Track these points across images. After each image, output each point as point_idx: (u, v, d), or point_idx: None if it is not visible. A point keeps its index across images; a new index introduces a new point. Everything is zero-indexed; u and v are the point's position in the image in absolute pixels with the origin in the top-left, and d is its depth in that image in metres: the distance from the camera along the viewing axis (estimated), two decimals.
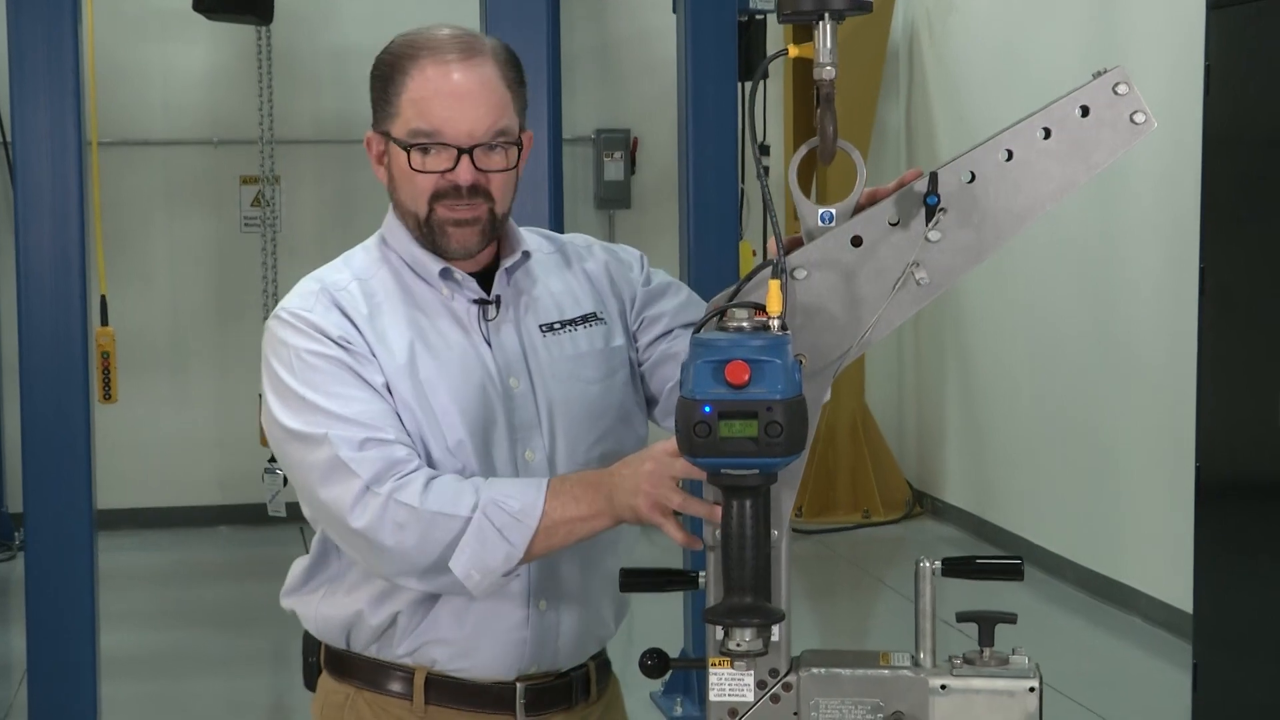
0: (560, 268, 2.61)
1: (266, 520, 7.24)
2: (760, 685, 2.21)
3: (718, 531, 2.17)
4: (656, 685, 6.29)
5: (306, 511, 2.51)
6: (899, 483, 10.42)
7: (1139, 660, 7.39)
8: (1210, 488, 5.92)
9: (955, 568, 2.29)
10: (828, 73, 2.20)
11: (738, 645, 2.13)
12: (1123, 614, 7.93)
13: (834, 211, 2.26)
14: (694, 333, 2.10)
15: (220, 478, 10.12)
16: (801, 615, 8.90)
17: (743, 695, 2.22)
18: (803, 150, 2.30)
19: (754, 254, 8.40)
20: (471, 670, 2.50)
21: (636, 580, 2.34)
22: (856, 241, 2.23)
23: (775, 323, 2.09)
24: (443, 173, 2.43)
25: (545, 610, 2.50)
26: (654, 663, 2.30)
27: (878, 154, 10.50)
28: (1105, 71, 2.21)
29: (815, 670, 2.22)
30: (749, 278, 2.21)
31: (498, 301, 2.52)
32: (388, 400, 2.42)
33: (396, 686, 2.50)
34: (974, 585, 2.31)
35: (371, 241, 2.58)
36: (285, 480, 2.16)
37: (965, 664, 2.23)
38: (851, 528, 9.95)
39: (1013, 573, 2.31)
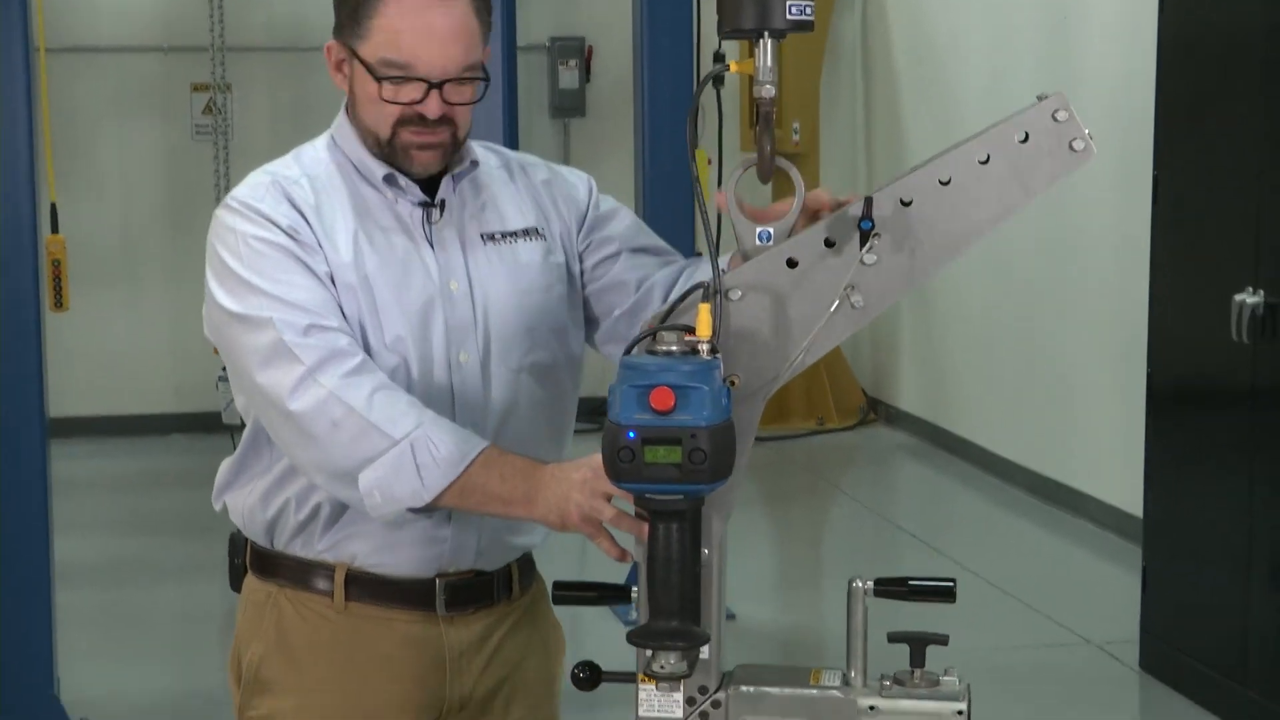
0: (506, 181, 2.63)
1: (221, 428, 7.24)
2: (690, 702, 2.22)
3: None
4: None
5: (239, 400, 2.53)
6: (853, 390, 10.47)
7: (1089, 563, 7.47)
8: (1161, 393, 5.97)
9: (887, 589, 2.29)
10: (767, 91, 2.20)
11: (661, 668, 2.14)
12: (1073, 518, 8.01)
13: (771, 231, 2.25)
14: (624, 354, 2.11)
15: (175, 385, 10.10)
16: (757, 520, 9.00)
17: (672, 712, 2.23)
18: (739, 171, 2.28)
19: (709, 162, 8.38)
20: (391, 567, 2.52)
21: (569, 593, 2.34)
22: (792, 263, 2.21)
23: (705, 346, 2.08)
24: (411, 103, 2.44)
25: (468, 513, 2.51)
26: (586, 675, 2.29)
27: (832, 71, 10.47)
28: (1046, 97, 2.20)
29: (744, 689, 2.22)
30: (682, 298, 2.21)
31: (442, 206, 2.54)
32: (331, 291, 2.44)
33: (318, 584, 2.52)
34: (931, 525, 2.32)
35: (321, 140, 2.60)
36: (231, 364, 2.16)
37: (895, 684, 2.24)
38: (806, 435, 10.00)
39: (945, 594, 2.31)
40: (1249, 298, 5.27)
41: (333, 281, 2.44)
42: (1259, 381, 5.34)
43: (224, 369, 7.53)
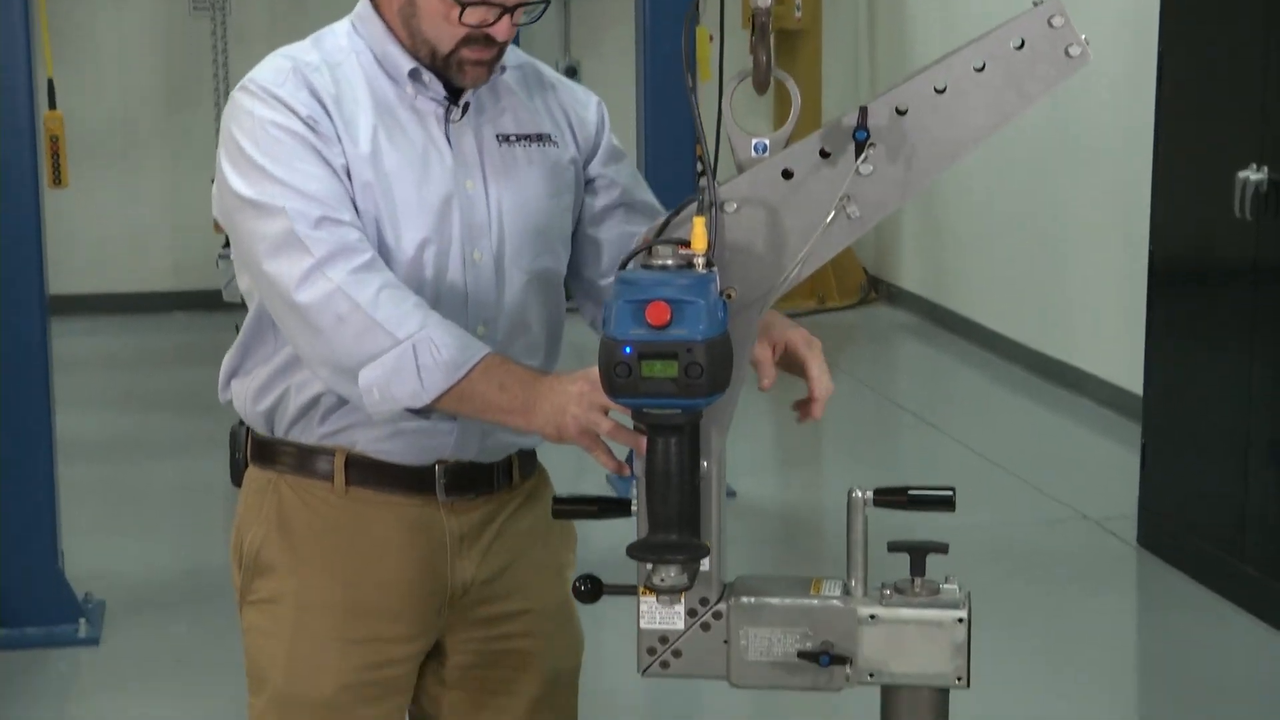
0: (523, 86, 2.61)
1: (221, 306, 7.23)
2: (690, 613, 2.22)
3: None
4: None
5: (243, 284, 2.51)
6: (855, 269, 10.45)
7: (1088, 441, 7.49)
8: (1163, 271, 5.96)
9: (887, 499, 2.28)
10: (764, 0, 2.16)
11: (662, 581, 2.13)
12: (1073, 396, 8.02)
13: (768, 142, 2.22)
14: (619, 268, 2.10)
15: (174, 263, 10.08)
16: (757, 398, 8.95)
17: (673, 624, 2.23)
18: (735, 81, 2.25)
19: (710, 39, 8.30)
20: (390, 455, 2.52)
21: (569, 508, 2.33)
22: (787, 174, 2.19)
23: (700, 260, 2.07)
24: (482, 24, 2.43)
25: None
26: (587, 588, 2.29)
27: None
28: (1042, 2, 2.17)
29: (745, 600, 2.22)
30: (677, 211, 2.19)
31: (465, 107, 2.51)
32: (345, 184, 2.42)
33: (318, 468, 2.52)
34: (930, 403, 2.32)
35: (341, 28, 2.56)
36: (240, 250, 2.16)
37: (896, 593, 2.23)
38: (807, 313, 10.00)
39: (945, 504, 2.30)
40: (1253, 174, 5.25)
41: (348, 175, 2.42)
42: (1261, 258, 5.33)
43: (224, 247, 7.55)
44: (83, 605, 5.26)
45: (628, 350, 2.01)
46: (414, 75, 2.49)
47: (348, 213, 2.40)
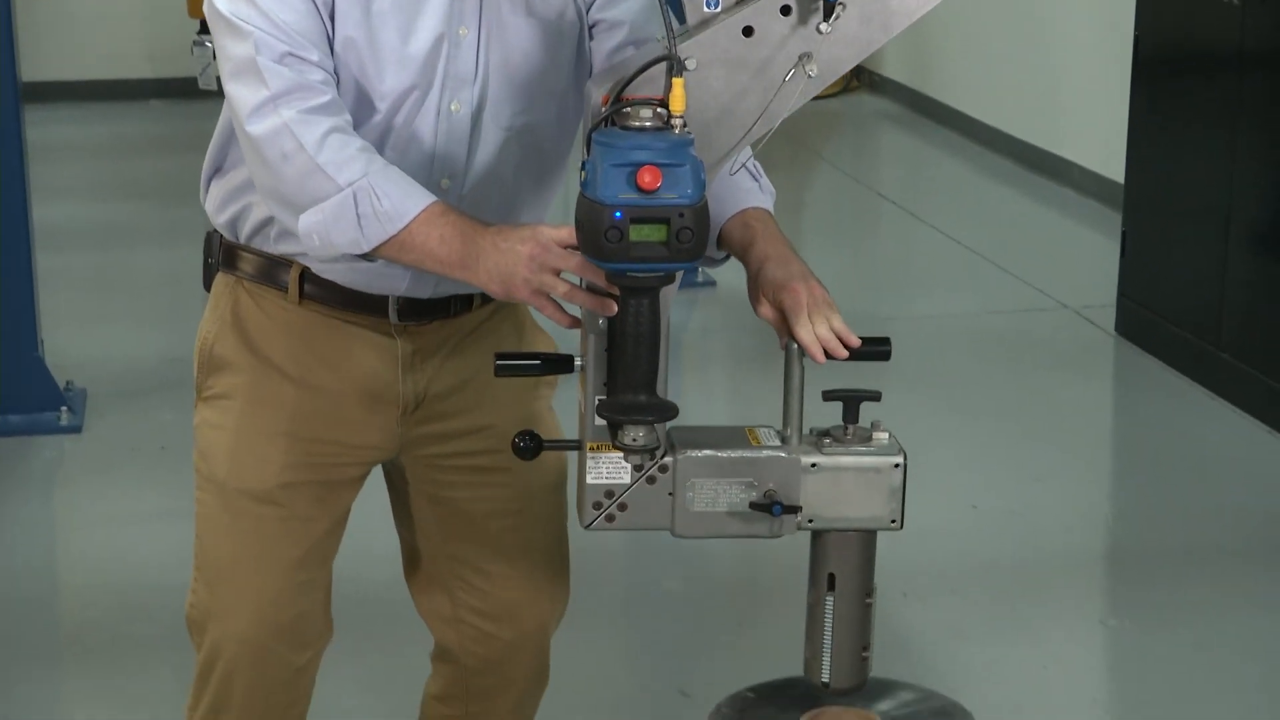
0: None
1: (197, 93, 7.14)
2: (636, 468, 2.23)
3: (601, 321, 2.18)
4: None
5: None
6: None
7: (1070, 230, 7.50)
8: (1148, 57, 5.91)
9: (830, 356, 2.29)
10: None
11: (633, 440, 2.16)
12: (1056, 185, 8.01)
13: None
14: (591, 129, 2.06)
15: (149, 50, 9.95)
16: None
17: (619, 478, 2.24)
18: None
19: None
20: (345, 281, 2.49)
21: (512, 365, 2.33)
22: (748, 31, 2.16)
23: (678, 122, 2.06)
24: None
25: None
26: (526, 444, 2.30)
27: None
28: None
29: (691, 453, 2.24)
30: (640, 70, 2.13)
31: None
32: (323, 23, 2.35)
33: (276, 278, 2.50)
34: (913, 192, 2.31)
35: None
36: (215, 54, 2.12)
37: (833, 441, 2.26)
38: None
39: (881, 356, 2.32)
40: None
41: (331, 17, 2.35)
42: (1246, 43, 5.29)
43: (198, 33, 7.41)
44: (64, 393, 5.28)
45: (618, 215, 2.01)
46: None
47: (316, 52, 2.33)
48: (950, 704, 2.41)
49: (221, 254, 2.57)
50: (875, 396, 2.28)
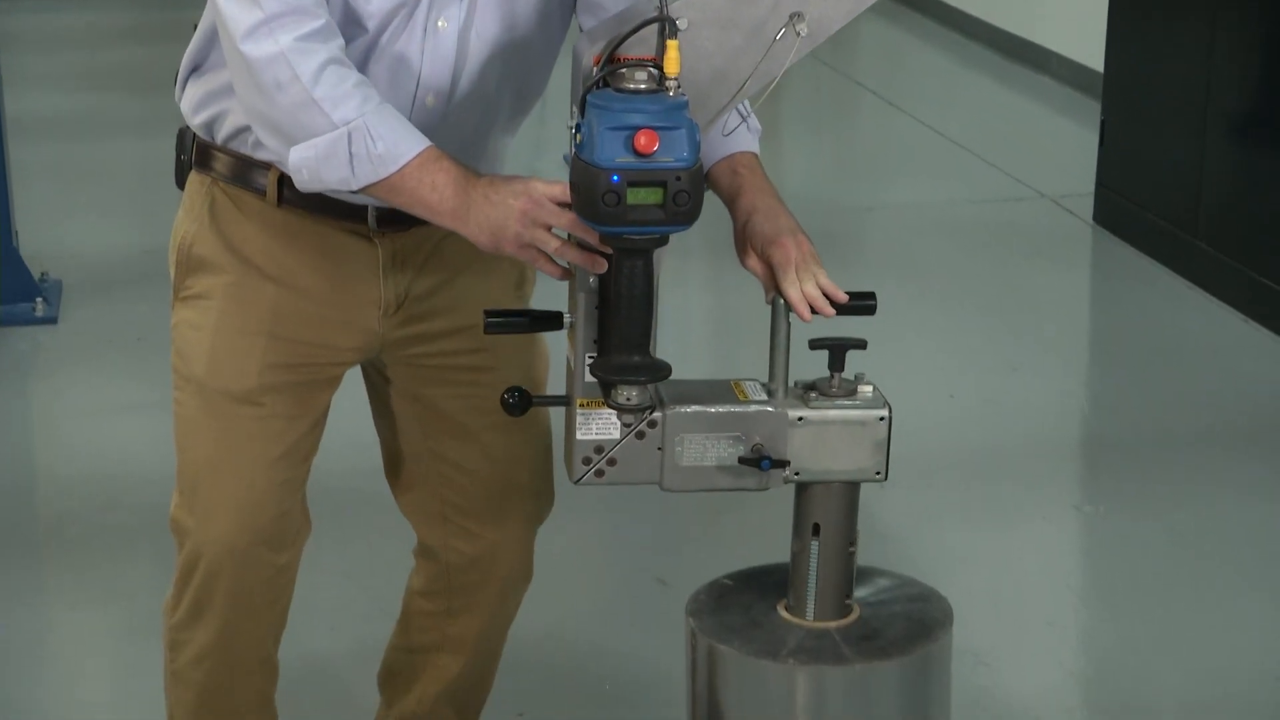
0: None
1: None
2: (625, 424, 2.24)
3: (591, 279, 2.19)
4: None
5: None
6: None
7: (1049, 119, 7.48)
8: None
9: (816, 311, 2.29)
10: None
11: (627, 400, 2.19)
12: (1035, 75, 7.98)
13: None
14: (585, 91, 2.06)
15: None
16: None
17: (609, 433, 2.25)
18: None
19: None
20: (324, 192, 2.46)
21: (501, 322, 2.33)
22: None
23: (672, 84, 2.06)
24: None
25: None
26: (515, 400, 2.31)
27: None
28: None
29: (680, 408, 2.25)
30: (631, 32, 2.10)
31: None
32: None
33: (253, 180, 2.46)
34: (892, 82, 2.29)
35: None
36: None
37: (819, 395, 2.28)
38: None
39: (866, 310, 2.33)
40: None
41: None
42: None
43: None
44: (39, 285, 5.26)
45: (616, 179, 2.01)
46: None
47: None
48: (927, 590, 2.43)
49: (195, 152, 2.53)
50: (861, 345, 2.29)
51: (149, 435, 4.21)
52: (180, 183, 2.59)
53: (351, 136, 2.24)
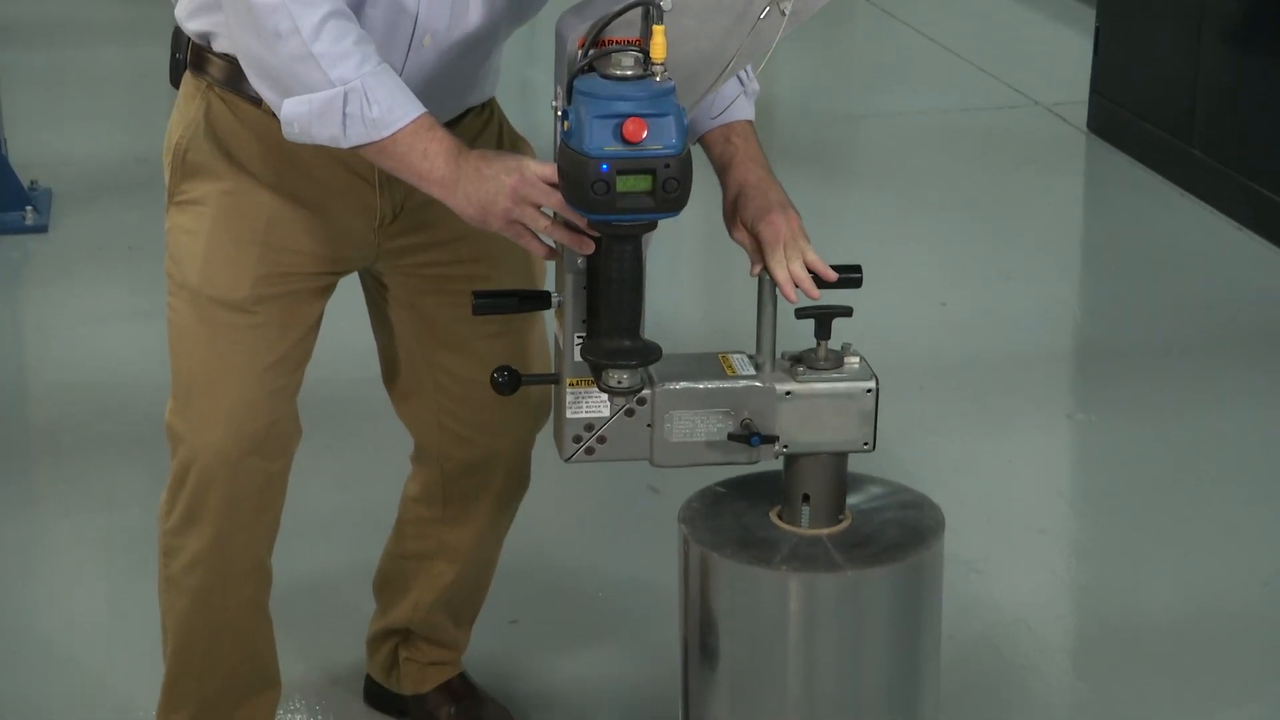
0: None
1: None
2: (615, 403, 2.27)
3: (580, 260, 2.20)
4: None
5: None
6: None
7: (1043, 26, 7.43)
8: None
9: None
10: None
11: (619, 382, 2.21)
12: None
13: None
14: (571, 77, 2.05)
15: None
16: None
17: (599, 411, 2.27)
18: None
19: None
20: None
21: (490, 302, 2.35)
22: None
23: (659, 69, 2.06)
24: None
25: None
26: (504, 379, 2.32)
27: None
28: None
29: (669, 385, 2.27)
30: (617, 14, 2.09)
31: None
32: None
33: (247, 89, 2.41)
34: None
35: None
36: None
37: (806, 369, 2.30)
38: None
39: (852, 283, 2.34)
40: None
41: None
42: None
43: None
44: (29, 193, 5.24)
45: (605, 168, 2.02)
46: None
47: None
48: (919, 497, 2.44)
49: (190, 53, 2.51)
50: (846, 312, 2.31)
51: (142, 344, 4.20)
52: (175, 81, 2.57)
53: (347, 97, 2.23)
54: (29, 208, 5.18)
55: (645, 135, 2.02)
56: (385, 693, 2.99)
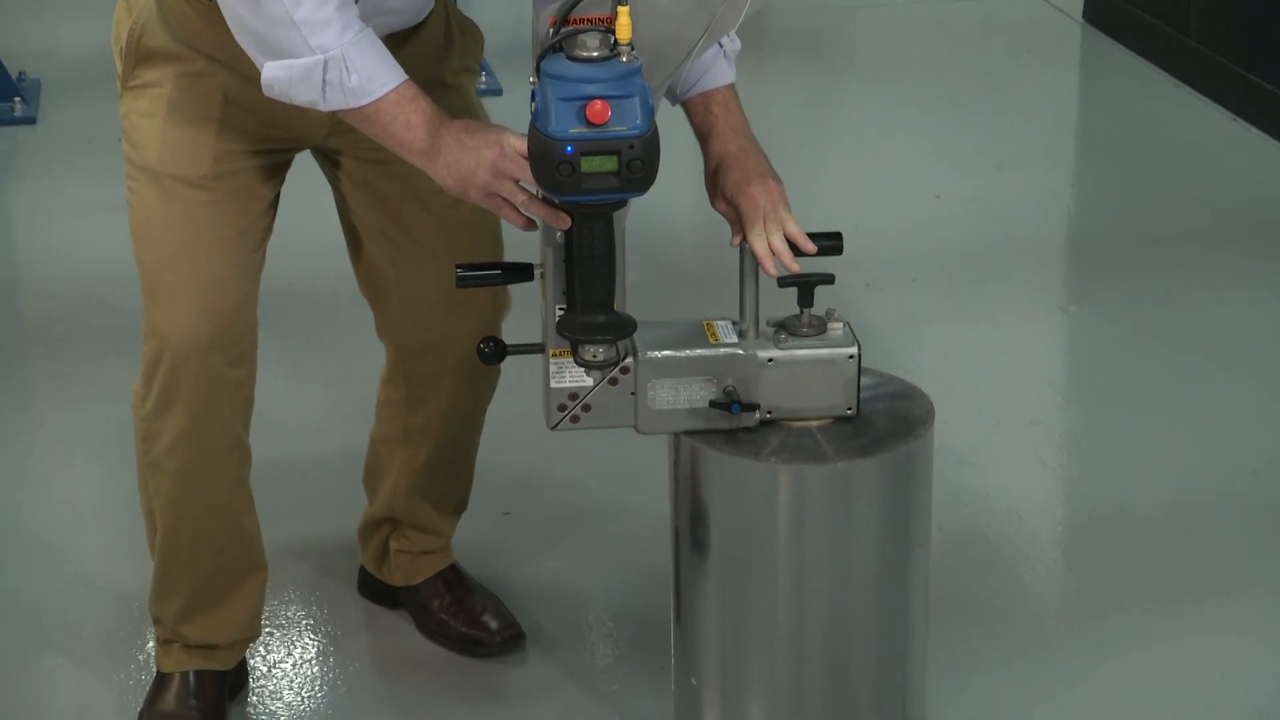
0: None
1: None
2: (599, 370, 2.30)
3: (559, 234, 2.22)
4: None
5: None
6: None
7: None
8: None
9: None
10: None
11: (594, 356, 2.25)
12: None
13: None
14: (539, 59, 2.07)
15: None
16: None
17: (583, 381, 2.30)
18: None
19: None
20: None
21: (472, 276, 2.37)
22: None
23: (625, 49, 2.07)
24: None
25: None
26: (491, 350, 2.35)
27: None
28: None
29: (651, 354, 2.29)
30: None
31: None
32: None
33: None
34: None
35: None
36: None
37: (789, 335, 2.31)
38: None
39: (833, 250, 2.36)
40: None
41: None
42: None
43: None
44: (17, 84, 5.20)
45: (569, 150, 2.05)
46: None
47: None
48: (909, 388, 2.45)
49: None
50: (828, 280, 2.33)
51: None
52: None
53: (327, 65, 2.24)
54: (17, 99, 5.15)
55: (610, 117, 2.05)
56: (378, 584, 3.00)
